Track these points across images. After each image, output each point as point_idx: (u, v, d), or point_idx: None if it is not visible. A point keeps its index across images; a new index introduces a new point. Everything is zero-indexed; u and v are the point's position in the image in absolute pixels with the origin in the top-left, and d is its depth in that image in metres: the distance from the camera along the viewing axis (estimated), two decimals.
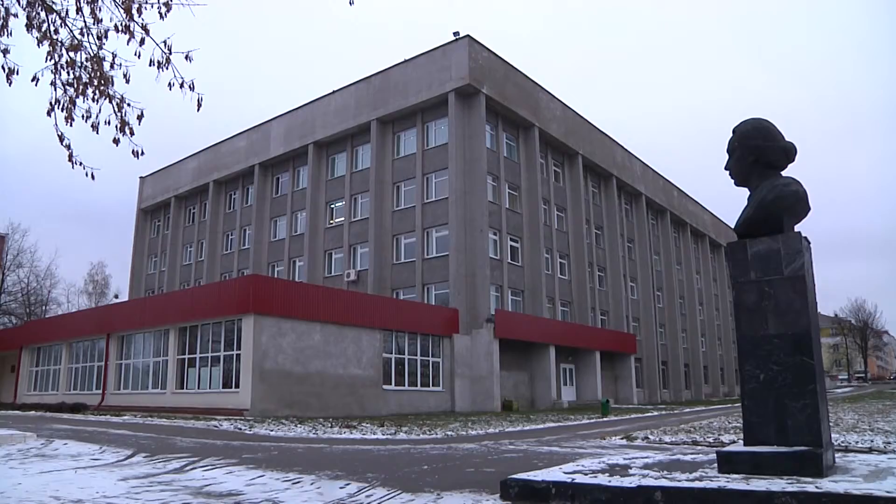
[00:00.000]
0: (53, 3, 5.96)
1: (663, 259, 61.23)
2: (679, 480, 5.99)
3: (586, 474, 6.62)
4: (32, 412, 30.66)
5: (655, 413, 31.97)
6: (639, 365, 51.95)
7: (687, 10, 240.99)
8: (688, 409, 35.66)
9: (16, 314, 68.20)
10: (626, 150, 56.33)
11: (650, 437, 15.05)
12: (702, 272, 70.21)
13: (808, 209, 7.10)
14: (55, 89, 6.08)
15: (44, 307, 71.33)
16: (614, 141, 54.49)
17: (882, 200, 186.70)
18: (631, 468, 7.08)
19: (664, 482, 5.93)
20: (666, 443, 13.81)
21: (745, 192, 7.33)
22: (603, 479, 6.24)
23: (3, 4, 5.91)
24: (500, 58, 41.28)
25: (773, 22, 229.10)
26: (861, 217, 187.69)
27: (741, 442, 6.96)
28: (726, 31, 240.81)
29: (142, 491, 7.54)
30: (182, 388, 29.73)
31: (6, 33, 5.99)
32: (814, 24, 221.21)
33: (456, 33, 39.56)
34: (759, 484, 5.51)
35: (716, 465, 6.58)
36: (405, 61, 41.86)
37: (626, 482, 6.00)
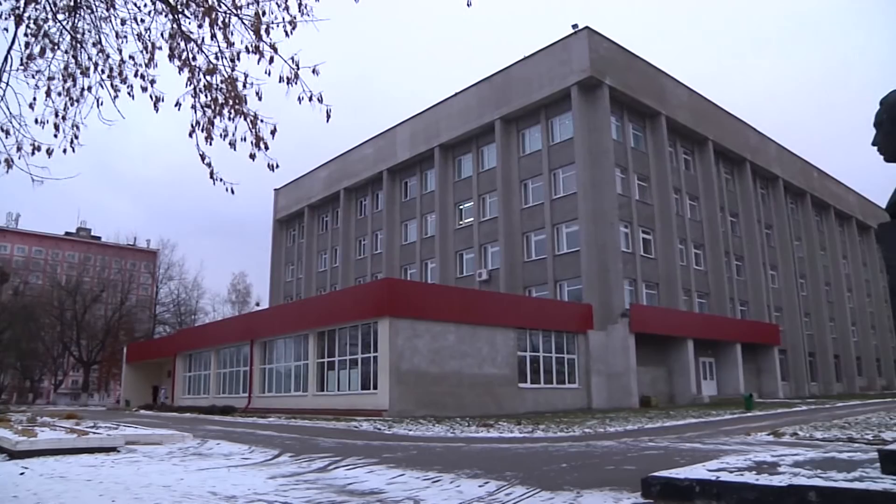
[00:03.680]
0: (191, 32, 6.33)
1: (805, 244, 57.93)
2: (836, 480, 5.62)
3: (732, 472, 6.37)
4: (187, 414, 32.83)
5: (804, 407, 30.33)
6: (783, 357, 49.39)
7: None
8: (840, 403, 33.59)
9: (169, 323, 73.51)
10: (759, 132, 53.70)
11: (799, 432, 14.32)
12: (849, 256, 65.90)
13: None
14: (195, 112, 6.46)
15: (193, 316, 76.27)
16: (746, 124, 52.11)
17: None
18: (780, 466, 6.74)
19: (818, 481, 5.59)
20: (817, 439, 13.09)
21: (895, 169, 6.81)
22: (750, 478, 5.98)
23: (149, 39, 6.35)
24: (620, 47, 40.43)
25: None
26: None
27: None
28: None
29: (289, 489, 7.88)
30: (322, 391, 30.84)
31: (153, 65, 6.45)
32: None
33: (574, 26, 39.04)
34: None
35: (877, 464, 6.10)
36: (525, 58, 41.71)
37: (776, 481, 5.72)
